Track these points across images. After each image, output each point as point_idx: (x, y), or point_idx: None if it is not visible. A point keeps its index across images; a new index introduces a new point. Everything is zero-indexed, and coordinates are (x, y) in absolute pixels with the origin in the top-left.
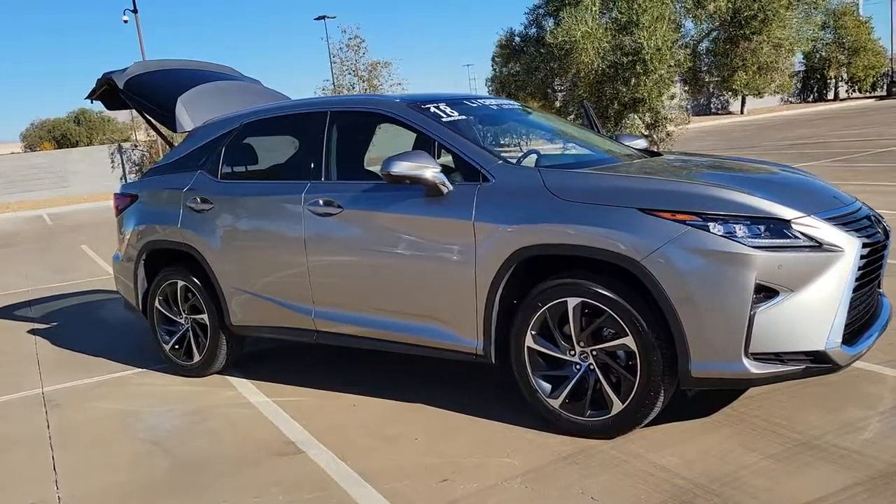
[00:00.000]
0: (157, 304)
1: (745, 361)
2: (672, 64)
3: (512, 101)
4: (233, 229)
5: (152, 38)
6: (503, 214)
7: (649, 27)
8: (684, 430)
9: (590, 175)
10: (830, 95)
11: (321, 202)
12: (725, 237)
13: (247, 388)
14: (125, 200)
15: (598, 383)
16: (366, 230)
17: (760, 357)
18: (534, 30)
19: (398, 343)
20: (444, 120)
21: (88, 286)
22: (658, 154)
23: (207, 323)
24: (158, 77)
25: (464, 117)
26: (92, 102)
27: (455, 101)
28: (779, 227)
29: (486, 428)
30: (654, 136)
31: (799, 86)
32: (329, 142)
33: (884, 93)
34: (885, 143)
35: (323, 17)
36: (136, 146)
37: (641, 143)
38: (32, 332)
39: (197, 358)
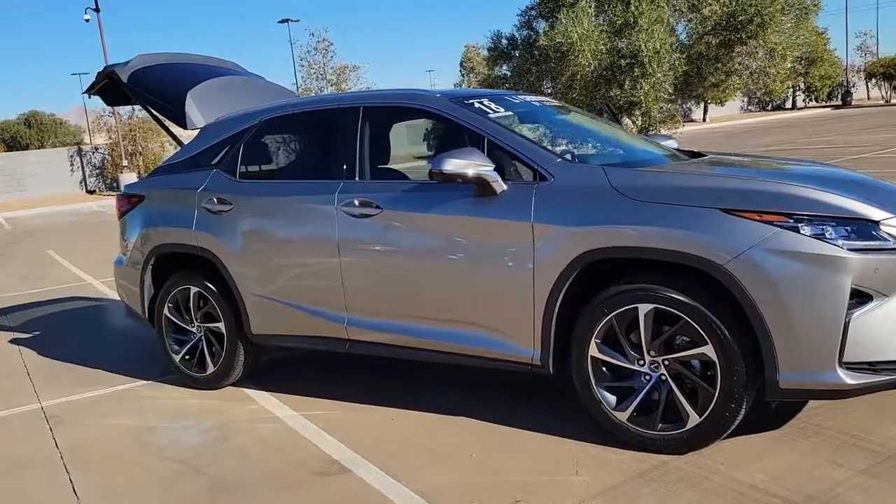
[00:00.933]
0: (165, 311)
1: (839, 371)
2: (667, 68)
3: (551, 99)
4: (255, 232)
5: (110, 43)
6: (566, 215)
7: (647, 29)
8: (758, 443)
9: (661, 174)
10: (788, 104)
11: (356, 203)
12: (817, 239)
13: (268, 401)
14: (130, 201)
15: (670, 395)
16: (407, 232)
17: (853, 367)
18: (525, 32)
19: (442, 353)
20: (491, 116)
21: (64, 293)
22: (700, 154)
23: (224, 331)
24: (164, 71)
25: (510, 113)
26: (90, 97)
27: (497, 97)
28: (867, 229)
29: (542, 442)
30: None
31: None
32: (362, 139)
33: (839, 102)
34: (856, 151)
35: (286, 21)
36: (96, 149)
37: (672, 144)
38: (14, 342)
39: (211, 369)
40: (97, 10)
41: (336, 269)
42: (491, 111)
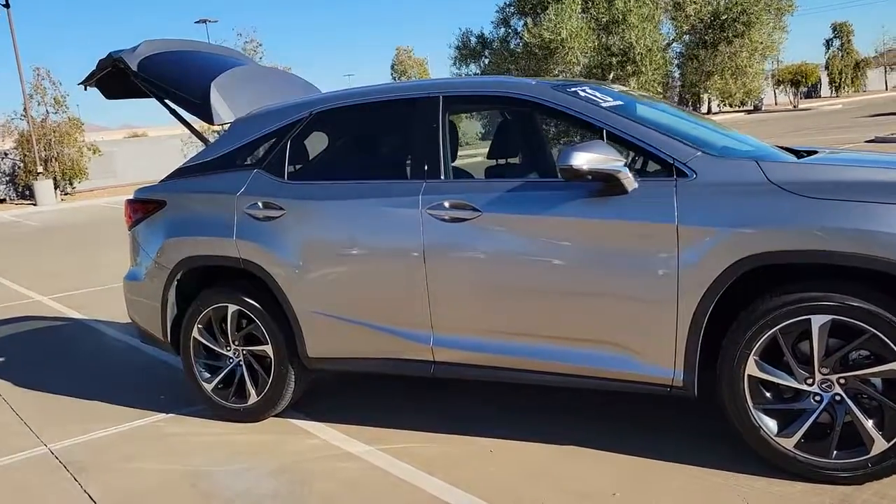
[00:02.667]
0: (195, 333)
1: None
2: (656, 67)
3: (635, 90)
4: (314, 240)
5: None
6: (718, 216)
7: (638, 27)
8: None
9: (828, 167)
10: (704, 109)
11: (447, 205)
12: None
13: (328, 434)
14: (145, 208)
15: (848, 418)
16: (515, 238)
17: None
18: (502, 30)
19: (555, 374)
20: (604, 105)
21: (13, 313)
22: (805, 151)
23: (271, 355)
24: (177, 59)
25: (620, 103)
26: (86, 89)
27: (595, 87)
28: None
29: (691, 475)
30: None
31: (675, 99)
32: (444, 133)
33: (751, 108)
34: None
35: (204, 21)
36: (6, 154)
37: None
38: None
39: (253, 399)
40: (7, 6)
41: (420, 280)
42: (601, 99)
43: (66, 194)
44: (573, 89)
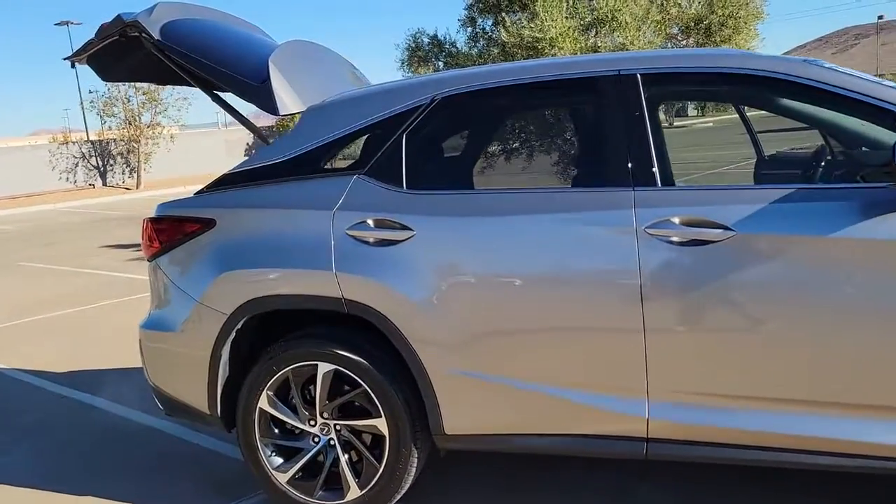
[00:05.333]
0: (261, 403)
1: None
2: None
3: None
4: (464, 273)
5: None
6: None
7: (630, 25)
8: None
9: None
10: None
11: (677, 221)
12: None
13: None
14: (182, 229)
15: None
16: (795, 267)
17: None
18: (469, 29)
19: (847, 455)
20: (867, 80)
21: None
22: None
23: (385, 432)
24: (211, 28)
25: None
26: (73, 66)
27: (829, 64)
28: None
29: None
30: None
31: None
32: (654, 124)
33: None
34: (712, 166)
35: (66, 23)
36: None
37: None
38: None
39: (354, 493)
40: None
41: (634, 325)
42: (863, 76)
43: None
44: (819, 65)
